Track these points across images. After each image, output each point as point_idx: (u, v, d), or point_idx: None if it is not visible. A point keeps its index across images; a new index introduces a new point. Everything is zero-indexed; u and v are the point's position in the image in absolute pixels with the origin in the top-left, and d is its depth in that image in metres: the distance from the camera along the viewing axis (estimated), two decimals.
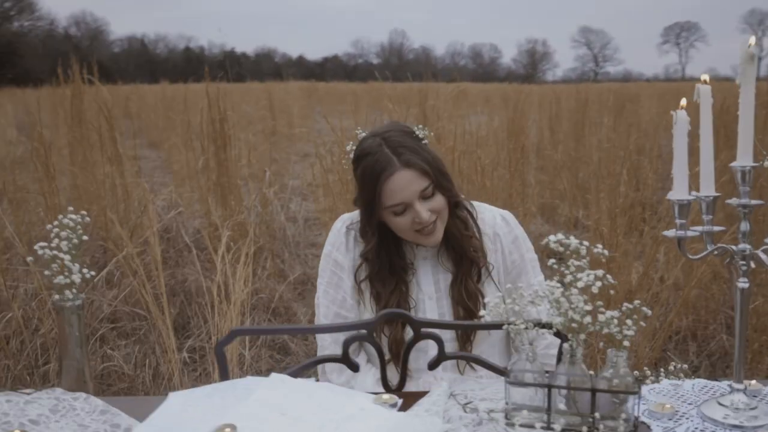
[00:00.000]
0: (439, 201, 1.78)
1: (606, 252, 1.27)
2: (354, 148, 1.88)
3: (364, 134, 1.89)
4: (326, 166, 5.19)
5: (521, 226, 2.00)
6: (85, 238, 1.52)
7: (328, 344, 1.89)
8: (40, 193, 5.01)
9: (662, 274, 3.86)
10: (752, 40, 1.23)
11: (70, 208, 1.52)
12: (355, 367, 1.48)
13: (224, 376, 1.48)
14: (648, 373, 1.53)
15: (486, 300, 1.34)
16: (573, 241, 1.27)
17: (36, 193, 5.74)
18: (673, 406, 1.32)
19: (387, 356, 1.73)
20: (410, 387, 1.70)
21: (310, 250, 5.31)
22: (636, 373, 1.30)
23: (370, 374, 1.83)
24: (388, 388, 1.49)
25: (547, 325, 1.27)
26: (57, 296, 1.49)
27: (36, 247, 1.46)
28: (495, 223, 1.93)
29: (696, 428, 1.25)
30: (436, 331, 1.47)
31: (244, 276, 3.37)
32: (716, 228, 1.33)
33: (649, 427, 1.26)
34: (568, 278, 1.25)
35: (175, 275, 4.15)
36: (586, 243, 1.26)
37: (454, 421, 1.24)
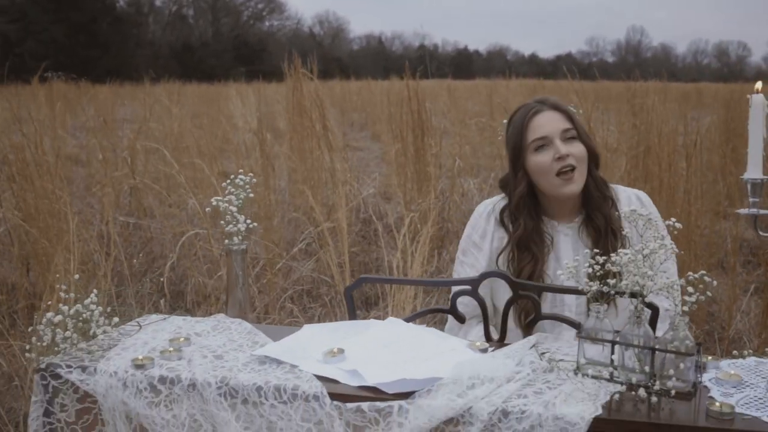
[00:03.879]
0: (579, 148, 1.92)
1: (677, 223, 1.38)
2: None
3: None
4: None
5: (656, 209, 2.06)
6: (251, 195, 1.86)
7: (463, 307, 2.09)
8: (261, 174, 5.64)
9: None
10: None
11: (240, 170, 1.86)
12: (461, 319, 1.69)
13: (352, 316, 1.75)
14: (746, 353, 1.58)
15: (573, 263, 1.48)
16: (644, 211, 1.40)
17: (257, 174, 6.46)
18: (742, 376, 1.39)
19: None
20: None
21: None
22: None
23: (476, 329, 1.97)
24: (489, 341, 1.68)
25: (629, 294, 1.39)
26: (226, 241, 1.84)
27: (212, 200, 1.82)
28: (630, 201, 1.98)
29: (755, 396, 1.32)
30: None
31: (422, 255, 3.65)
32: None
33: (708, 389, 1.35)
34: (638, 246, 1.38)
35: (368, 251, 4.53)
36: (655, 215, 1.38)
37: (525, 366, 1.42)
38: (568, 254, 1.99)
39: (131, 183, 5.07)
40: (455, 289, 1.69)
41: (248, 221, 1.82)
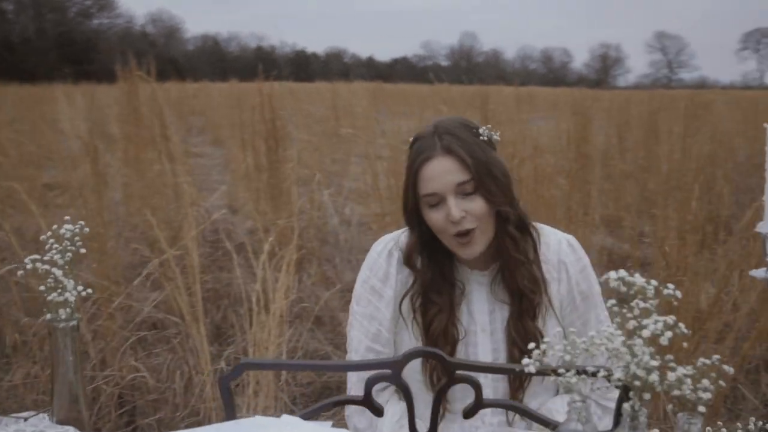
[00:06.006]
0: (478, 205, 1.54)
1: (678, 293, 1.05)
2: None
3: None
4: (381, 168, 4.98)
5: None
6: (82, 251, 1.37)
7: (354, 382, 1.69)
8: (94, 191, 4.96)
9: (735, 299, 3.54)
10: None
11: (67, 218, 1.36)
12: (378, 411, 1.29)
13: (230, 413, 1.30)
14: None
15: (530, 346, 1.13)
16: (638, 279, 1.05)
17: (90, 190, 5.72)
18: None
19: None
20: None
21: (362, 255, 5.13)
22: None
23: (388, 415, 1.60)
24: None
25: (602, 375, 1.05)
26: (49, 315, 1.34)
27: (26, 260, 1.31)
28: (560, 249, 1.66)
29: None
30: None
31: (285, 284, 3.22)
32: None
33: None
34: (631, 324, 1.04)
35: (220, 280, 4.03)
36: (654, 282, 1.04)
37: None
38: (482, 306, 1.65)
39: None
40: (371, 372, 1.28)
41: (80, 288, 1.33)
